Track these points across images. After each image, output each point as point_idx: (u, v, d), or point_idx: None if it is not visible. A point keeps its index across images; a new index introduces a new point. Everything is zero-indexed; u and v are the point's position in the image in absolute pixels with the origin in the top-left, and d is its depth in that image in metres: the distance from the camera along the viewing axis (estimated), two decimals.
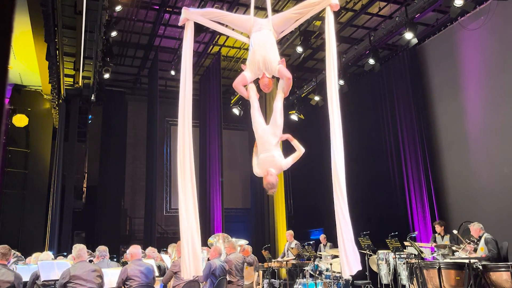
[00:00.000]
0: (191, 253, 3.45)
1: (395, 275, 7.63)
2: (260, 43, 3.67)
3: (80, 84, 11.27)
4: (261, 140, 3.64)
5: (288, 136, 3.76)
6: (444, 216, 9.57)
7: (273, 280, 9.53)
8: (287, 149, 3.96)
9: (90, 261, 5.64)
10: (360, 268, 3.49)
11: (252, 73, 3.74)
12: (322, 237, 10.13)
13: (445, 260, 6.40)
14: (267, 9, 3.92)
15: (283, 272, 10.47)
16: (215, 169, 12.41)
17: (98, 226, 13.37)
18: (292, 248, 8.98)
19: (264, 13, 9.33)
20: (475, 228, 6.58)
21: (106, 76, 11.00)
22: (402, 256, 7.48)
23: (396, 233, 7.53)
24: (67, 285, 4.50)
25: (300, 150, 3.74)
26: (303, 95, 12.97)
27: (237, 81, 3.74)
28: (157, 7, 10.79)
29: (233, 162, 15.21)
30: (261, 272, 8.88)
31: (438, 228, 7.89)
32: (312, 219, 13.98)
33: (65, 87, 11.28)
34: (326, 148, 3.32)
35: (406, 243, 7.43)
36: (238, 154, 15.65)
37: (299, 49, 10.25)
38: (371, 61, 10.59)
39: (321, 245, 10.05)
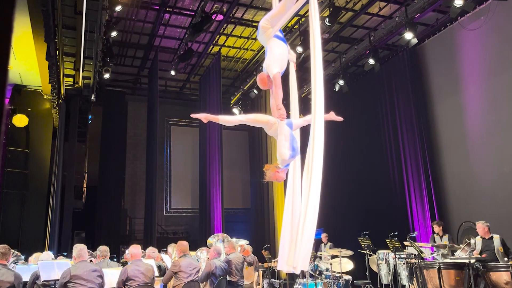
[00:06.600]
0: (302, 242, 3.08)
1: (395, 275, 7.64)
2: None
3: (80, 84, 11.27)
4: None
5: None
6: (444, 216, 9.56)
7: (273, 280, 9.52)
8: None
9: (90, 261, 5.64)
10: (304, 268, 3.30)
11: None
12: (323, 235, 10.12)
13: (445, 260, 6.40)
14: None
15: (283, 272, 10.46)
16: (215, 169, 12.40)
17: (98, 226, 13.38)
18: None
19: (264, 13, 9.34)
20: (482, 226, 6.36)
21: (106, 76, 11.01)
22: (402, 256, 7.49)
23: (396, 233, 7.53)
24: (68, 284, 4.50)
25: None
26: (303, 95, 12.95)
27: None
28: (157, 7, 10.79)
29: (233, 162, 15.20)
30: (261, 272, 8.87)
31: (436, 228, 7.88)
32: None
33: (65, 87, 11.28)
34: (326, 148, 3.29)
35: (406, 243, 7.43)
36: (238, 154, 15.65)
37: (299, 49, 10.24)
38: (371, 61, 10.60)
39: (322, 244, 10.05)
